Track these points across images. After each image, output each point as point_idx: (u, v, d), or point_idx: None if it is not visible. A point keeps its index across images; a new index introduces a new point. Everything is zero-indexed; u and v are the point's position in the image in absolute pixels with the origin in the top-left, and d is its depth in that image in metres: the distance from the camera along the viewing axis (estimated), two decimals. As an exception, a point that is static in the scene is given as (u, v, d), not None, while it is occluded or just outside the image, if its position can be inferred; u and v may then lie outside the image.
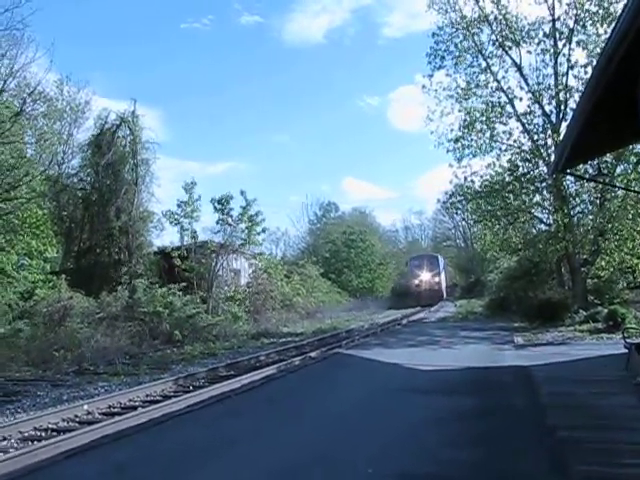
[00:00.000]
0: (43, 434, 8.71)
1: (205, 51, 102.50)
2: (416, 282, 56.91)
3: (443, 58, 26.31)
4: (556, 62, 24.56)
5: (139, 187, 30.98)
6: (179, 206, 31.77)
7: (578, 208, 25.99)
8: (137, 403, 10.89)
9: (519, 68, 25.22)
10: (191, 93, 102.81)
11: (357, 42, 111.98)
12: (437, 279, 57.35)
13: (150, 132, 32.45)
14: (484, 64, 25.81)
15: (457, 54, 26.07)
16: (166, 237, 54.17)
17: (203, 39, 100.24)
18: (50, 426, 9.06)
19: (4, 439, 8.36)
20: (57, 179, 32.91)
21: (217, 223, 31.92)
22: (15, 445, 8.15)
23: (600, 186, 23.13)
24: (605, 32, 21.97)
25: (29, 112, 27.30)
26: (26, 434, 8.64)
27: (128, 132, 31.41)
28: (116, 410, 10.27)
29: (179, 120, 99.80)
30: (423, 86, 26.63)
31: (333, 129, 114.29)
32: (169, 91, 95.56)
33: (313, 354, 16.94)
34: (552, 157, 22.67)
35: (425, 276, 56.75)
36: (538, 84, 25.05)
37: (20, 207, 27.24)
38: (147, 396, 11.51)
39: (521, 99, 25.47)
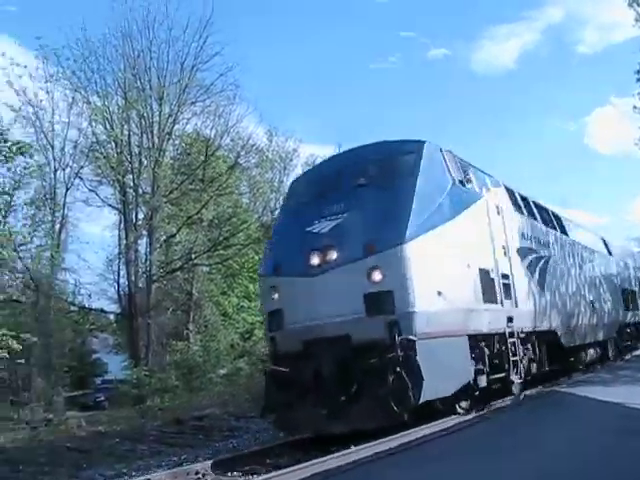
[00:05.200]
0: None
1: (394, 89, 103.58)
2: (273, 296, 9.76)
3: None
4: None
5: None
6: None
7: None
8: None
9: None
10: (385, 133, 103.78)
11: (551, 64, 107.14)
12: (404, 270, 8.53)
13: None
14: None
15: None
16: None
17: (392, 78, 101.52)
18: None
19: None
20: (270, 225, 34.85)
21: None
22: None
23: None
24: None
25: (243, 164, 29.37)
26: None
27: (335, 177, 32.41)
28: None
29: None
30: (634, 107, 24.11)
31: (527, 156, 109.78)
32: (365, 132, 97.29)
33: (528, 392, 15.71)
34: None
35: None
36: None
37: (238, 253, 29.14)
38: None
39: None
